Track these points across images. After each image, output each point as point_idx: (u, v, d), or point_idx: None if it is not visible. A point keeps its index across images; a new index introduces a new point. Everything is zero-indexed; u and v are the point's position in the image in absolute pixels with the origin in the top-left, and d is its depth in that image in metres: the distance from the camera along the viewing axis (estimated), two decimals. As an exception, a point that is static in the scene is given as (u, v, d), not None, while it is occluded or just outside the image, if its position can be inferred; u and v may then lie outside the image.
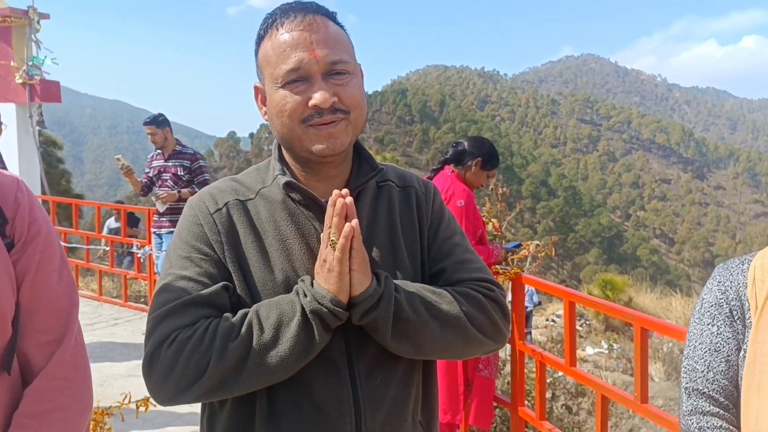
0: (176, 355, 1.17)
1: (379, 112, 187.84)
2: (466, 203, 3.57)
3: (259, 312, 1.20)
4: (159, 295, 1.26)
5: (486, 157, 3.82)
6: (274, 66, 1.25)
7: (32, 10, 8.04)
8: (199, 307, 1.22)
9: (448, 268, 1.39)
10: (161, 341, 1.19)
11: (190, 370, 1.16)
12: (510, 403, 3.60)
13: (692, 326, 1.41)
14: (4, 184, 1.21)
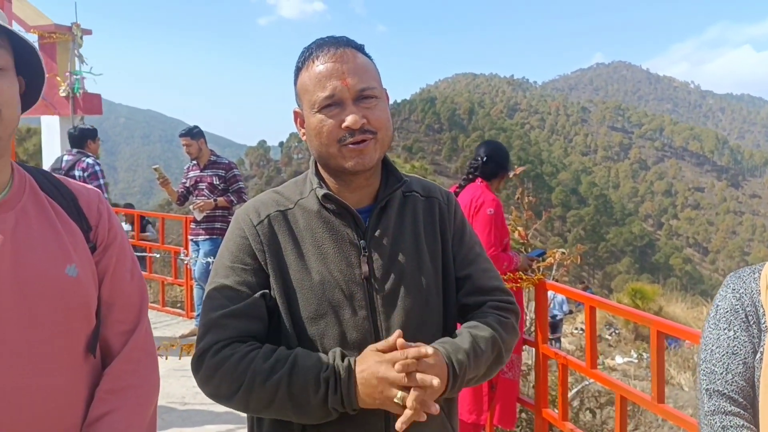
0: (214, 371, 1.37)
1: (407, 120, 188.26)
2: (495, 212, 3.73)
3: (294, 368, 1.34)
4: (206, 302, 1.47)
5: (507, 163, 4.02)
6: (312, 93, 1.44)
7: (76, 27, 8.39)
8: (238, 318, 1.40)
9: (474, 275, 1.59)
10: (205, 350, 1.40)
11: (223, 389, 1.37)
12: (534, 405, 3.74)
13: (708, 332, 1.50)
14: (89, 197, 1.41)
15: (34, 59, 1.30)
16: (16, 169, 1.34)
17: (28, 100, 1.34)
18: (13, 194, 1.29)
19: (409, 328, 1.46)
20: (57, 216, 1.33)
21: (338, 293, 1.44)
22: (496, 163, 3.98)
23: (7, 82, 1.22)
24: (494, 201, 3.78)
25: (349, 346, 1.43)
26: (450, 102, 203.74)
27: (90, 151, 6.01)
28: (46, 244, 1.27)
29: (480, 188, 3.87)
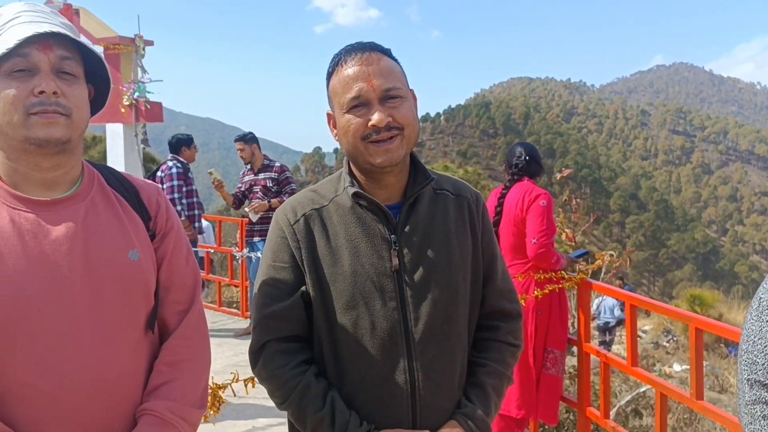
0: (267, 377, 1.58)
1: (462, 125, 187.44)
2: (548, 204, 3.81)
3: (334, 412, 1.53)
4: (255, 299, 1.64)
5: (543, 168, 4.13)
6: (341, 96, 1.55)
7: (139, 38, 8.73)
8: (279, 320, 1.58)
9: (495, 277, 1.72)
10: (257, 348, 1.60)
11: (274, 396, 1.59)
12: (577, 403, 3.77)
13: (750, 323, 1.51)
14: (149, 191, 1.57)
15: (101, 69, 1.46)
16: (86, 166, 1.50)
17: (96, 105, 1.50)
18: (83, 188, 1.45)
19: (437, 318, 1.57)
20: (121, 207, 1.48)
21: (369, 285, 1.55)
22: (537, 163, 4.07)
23: (78, 88, 1.37)
24: (546, 194, 3.87)
25: (379, 335, 1.54)
26: (505, 106, 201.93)
27: (184, 157, 6.79)
28: (111, 232, 1.43)
29: (529, 185, 3.96)
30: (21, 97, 1.30)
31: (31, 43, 1.31)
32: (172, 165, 6.64)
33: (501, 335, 1.70)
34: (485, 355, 1.68)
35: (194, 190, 6.90)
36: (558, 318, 3.81)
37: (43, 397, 1.30)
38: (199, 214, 6.85)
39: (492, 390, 1.64)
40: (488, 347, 1.69)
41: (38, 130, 1.31)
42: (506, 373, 1.69)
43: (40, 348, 1.30)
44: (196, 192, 6.92)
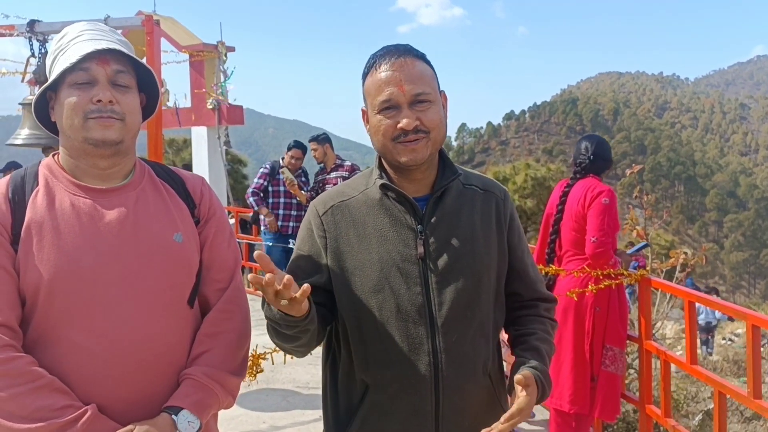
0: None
1: (547, 122, 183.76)
2: (610, 202, 3.77)
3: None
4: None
5: (612, 161, 4.07)
6: (373, 97, 1.66)
7: (221, 45, 9.19)
8: None
9: (525, 269, 1.82)
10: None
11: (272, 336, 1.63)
12: (638, 401, 3.73)
13: None
14: (194, 181, 1.76)
15: (151, 79, 1.66)
16: (138, 161, 1.70)
17: (147, 111, 1.70)
18: (135, 179, 1.65)
19: (460, 304, 1.66)
20: (168, 196, 1.68)
21: (395, 270, 1.65)
22: (603, 159, 4.01)
23: (131, 96, 1.59)
24: (610, 192, 3.82)
25: (404, 318, 1.64)
26: (593, 102, 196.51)
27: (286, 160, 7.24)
28: (159, 216, 1.62)
29: (593, 181, 3.93)
30: (81, 104, 1.52)
31: (91, 59, 1.52)
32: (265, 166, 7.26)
33: (540, 311, 1.83)
34: (531, 327, 1.79)
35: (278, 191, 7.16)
36: (617, 315, 3.76)
37: (97, 359, 1.48)
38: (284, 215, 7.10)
39: (546, 354, 1.75)
40: (531, 321, 1.81)
41: (95, 132, 1.53)
42: (551, 342, 1.81)
43: (94, 315, 1.49)
44: (282, 193, 7.16)
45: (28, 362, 1.44)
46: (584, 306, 3.74)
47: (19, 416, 1.39)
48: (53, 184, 1.57)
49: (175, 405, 1.52)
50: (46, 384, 1.42)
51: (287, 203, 7.08)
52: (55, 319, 1.49)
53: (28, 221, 1.50)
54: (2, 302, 1.45)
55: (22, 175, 1.59)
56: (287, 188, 6.92)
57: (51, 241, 1.49)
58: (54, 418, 1.39)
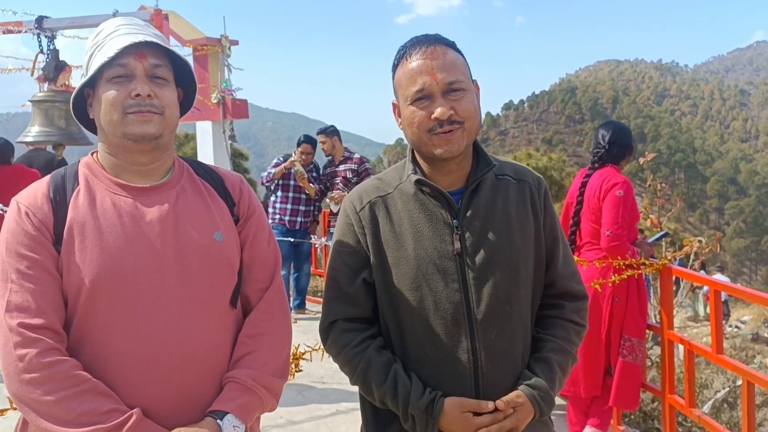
0: (337, 353, 1.68)
1: (546, 111, 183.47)
2: (625, 194, 3.71)
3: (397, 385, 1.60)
4: (325, 280, 1.76)
5: (631, 139, 3.98)
6: (405, 88, 1.61)
7: (224, 38, 9.08)
8: (343, 303, 1.68)
9: (557, 260, 1.75)
10: (326, 327, 1.71)
11: (344, 371, 1.69)
12: (660, 391, 3.70)
13: None
14: (233, 179, 1.71)
15: (188, 74, 1.63)
16: (177, 159, 1.66)
17: (185, 106, 1.66)
18: (175, 177, 1.61)
19: (499, 299, 1.62)
20: (208, 194, 1.64)
21: (432, 267, 1.61)
22: (620, 147, 3.92)
23: (169, 90, 1.55)
24: (625, 183, 3.77)
25: (442, 315, 1.61)
26: (592, 91, 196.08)
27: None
28: (199, 215, 1.58)
29: (610, 171, 3.86)
30: (120, 98, 1.48)
31: (128, 54, 1.49)
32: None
33: (566, 314, 1.73)
34: (551, 332, 1.72)
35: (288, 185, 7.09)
36: (636, 305, 3.73)
37: (139, 363, 1.45)
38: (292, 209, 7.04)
39: (557, 366, 1.67)
40: (553, 324, 1.73)
41: (134, 126, 1.49)
42: (571, 351, 1.72)
43: (136, 318, 1.45)
44: (292, 187, 7.09)
45: (73, 366, 1.40)
46: (602, 296, 3.72)
47: (65, 420, 1.36)
48: (94, 183, 1.54)
49: (220, 409, 1.49)
50: (90, 388, 1.39)
51: (296, 198, 7.03)
52: (97, 321, 1.45)
53: (70, 221, 1.47)
54: (46, 304, 1.42)
55: (63, 174, 1.55)
56: (297, 182, 6.87)
57: (93, 241, 1.46)
58: (100, 422, 1.36)
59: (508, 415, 1.58)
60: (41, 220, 1.46)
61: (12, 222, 1.47)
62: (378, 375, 1.62)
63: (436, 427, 1.57)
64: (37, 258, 1.43)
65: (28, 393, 1.37)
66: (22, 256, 1.43)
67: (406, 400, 1.58)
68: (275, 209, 7.04)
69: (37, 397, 1.36)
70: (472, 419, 1.57)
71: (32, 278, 1.42)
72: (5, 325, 1.40)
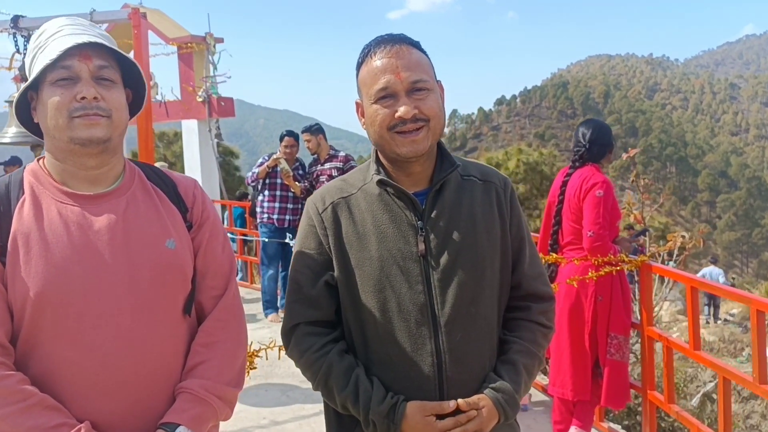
0: (298, 357, 1.67)
1: (538, 107, 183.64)
2: (605, 193, 3.69)
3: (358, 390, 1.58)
4: (288, 284, 1.73)
5: (611, 137, 3.95)
6: (369, 86, 1.60)
7: (209, 36, 9.08)
8: (304, 305, 1.66)
9: (523, 261, 1.73)
10: (288, 330, 1.68)
11: (306, 375, 1.67)
12: (641, 388, 3.71)
13: None
14: (186, 184, 1.67)
15: (137, 74, 1.58)
16: (128, 163, 1.62)
17: (134, 108, 1.62)
18: (125, 183, 1.57)
19: (463, 301, 1.60)
20: (160, 200, 1.60)
21: (395, 269, 1.60)
22: (600, 145, 3.90)
23: (116, 92, 1.50)
24: (604, 183, 3.75)
25: (405, 318, 1.59)
26: (583, 86, 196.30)
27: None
28: (150, 223, 1.54)
29: (590, 170, 3.84)
30: (65, 102, 1.44)
31: (72, 55, 1.44)
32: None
33: (533, 315, 1.72)
34: (517, 334, 1.70)
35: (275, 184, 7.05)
36: (620, 302, 3.73)
37: (88, 375, 1.42)
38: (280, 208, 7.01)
39: (523, 368, 1.66)
40: (520, 326, 1.71)
41: (81, 131, 1.44)
42: (537, 353, 1.70)
43: (84, 329, 1.42)
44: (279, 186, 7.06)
45: (19, 380, 1.38)
46: (584, 295, 3.71)
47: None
48: (39, 192, 1.50)
49: (172, 421, 1.46)
50: (37, 402, 1.37)
51: (283, 196, 6.99)
52: (44, 333, 1.42)
53: (14, 233, 1.43)
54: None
55: (6, 183, 1.51)
56: (283, 180, 6.84)
57: (38, 252, 1.42)
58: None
59: (472, 417, 1.56)
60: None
61: None
62: (339, 380, 1.60)
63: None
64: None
65: None
66: None
67: (367, 406, 1.57)
68: (263, 208, 7.00)
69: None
70: (434, 423, 1.55)
71: None
72: None
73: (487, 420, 1.58)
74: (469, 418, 1.56)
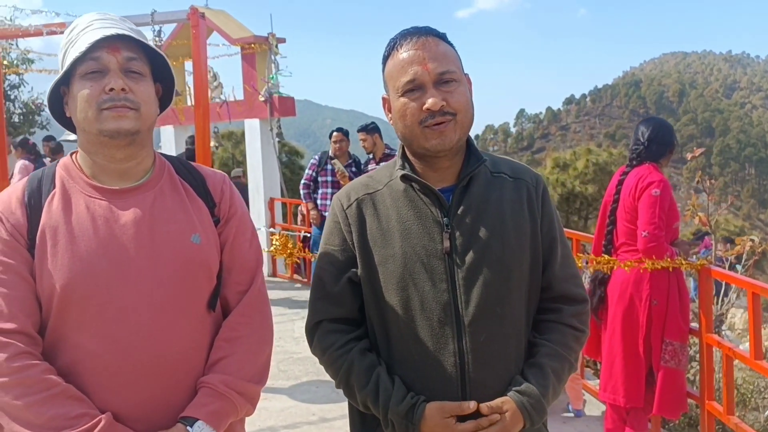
0: (321, 354, 1.65)
1: (609, 106, 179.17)
2: (661, 193, 3.56)
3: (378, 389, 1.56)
4: (312, 280, 1.73)
5: (672, 136, 3.79)
6: (396, 79, 1.57)
7: (272, 36, 9.20)
8: (328, 303, 1.65)
9: (554, 262, 1.66)
10: (311, 327, 1.68)
11: (328, 371, 1.66)
12: (698, 397, 3.55)
13: None
14: (215, 179, 1.67)
15: (166, 69, 1.59)
16: (158, 157, 1.64)
17: (164, 103, 1.63)
18: (153, 177, 1.59)
19: (489, 301, 1.55)
20: (187, 195, 1.61)
21: (419, 266, 1.56)
22: (660, 144, 3.75)
23: (145, 85, 1.51)
24: (661, 182, 3.60)
25: (428, 317, 1.55)
26: (657, 84, 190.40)
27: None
28: (176, 217, 1.55)
29: (647, 169, 3.70)
30: (94, 95, 1.46)
31: (101, 47, 1.46)
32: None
33: (564, 318, 1.65)
34: (546, 336, 1.64)
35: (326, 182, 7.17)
36: (677, 307, 3.56)
37: (110, 367, 1.44)
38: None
39: (551, 372, 1.59)
40: (550, 329, 1.65)
41: (110, 122, 1.46)
42: (568, 357, 1.63)
43: (107, 322, 1.45)
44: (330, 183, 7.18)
45: (44, 370, 1.41)
46: (639, 298, 3.57)
47: (35, 425, 1.36)
48: (69, 186, 1.53)
49: (191, 416, 1.47)
50: (61, 392, 1.39)
51: (334, 193, 7.11)
52: (69, 325, 1.46)
53: (43, 226, 1.47)
54: (18, 309, 1.42)
55: (39, 177, 1.55)
56: (338, 179, 6.91)
57: (65, 246, 1.45)
58: (68, 426, 1.36)
59: (494, 421, 1.51)
60: (14, 225, 1.47)
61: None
62: (360, 378, 1.58)
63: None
64: (11, 263, 1.44)
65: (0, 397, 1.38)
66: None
67: (387, 405, 1.54)
68: (321, 209, 7.14)
69: (8, 401, 1.37)
70: (454, 425, 1.51)
71: (6, 283, 1.43)
72: None
73: (511, 425, 1.52)
74: (491, 422, 1.51)
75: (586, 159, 27.22)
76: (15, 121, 14.41)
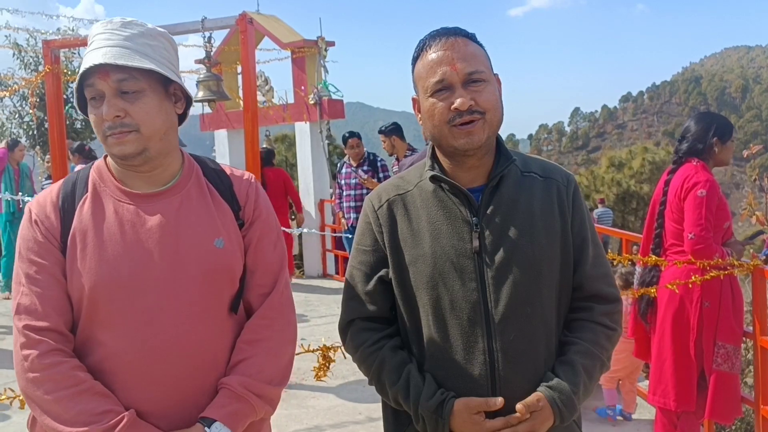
0: (354, 351, 1.70)
1: (668, 103, 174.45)
2: (708, 193, 3.44)
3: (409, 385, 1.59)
4: (345, 279, 1.77)
5: (721, 130, 3.62)
6: (425, 80, 1.59)
7: (321, 40, 9.32)
8: (359, 302, 1.69)
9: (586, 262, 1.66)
10: (344, 326, 1.73)
11: (361, 368, 1.70)
12: (753, 402, 3.44)
13: None
14: (241, 182, 1.70)
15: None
16: (188, 159, 1.68)
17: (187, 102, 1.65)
18: (181, 181, 1.63)
19: (518, 300, 1.56)
20: (213, 198, 1.64)
21: (449, 266, 1.58)
22: (705, 141, 3.59)
23: (142, 102, 1.50)
24: (708, 182, 3.47)
25: (458, 315, 1.57)
26: (718, 80, 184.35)
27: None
28: (200, 221, 1.59)
29: (694, 168, 3.55)
30: (98, 123, 1.52)
31: (93, 74, 1.50)
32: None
33: (595, 316, 1.65)
34: (577, 334, 1.64)
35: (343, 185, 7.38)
36: (730, 309, 3.46)
37: (135, 365, 1.51)
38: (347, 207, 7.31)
39: (582, 369, 1.59)
40: (581, 327, 1.65)
41: (114, 148, 1.53)
42: (600, 355, 1.62)
43: (131, 323, 1.51)
44: (344, 186, 7.38)
45: (73, 366, 1.48)
46: (690, 300, 3.48)
47: (64, 419, 1.44)
48: (101, 190, 1.59)
49: (209, 416, 1.51)
50: (88, 388, 1.46)
51: (348, 195, 7.33)
52: (97, 325, 1.52)
53: (74, 229, 1.53)
54: (50, 307, 1.50)
55: (74, 180, 1.61)
56: (365, 184, 7.06)
57: (93, 249, 1.52)
58: (95, 422, 1.43)
59: (524, 419, 1.52)
60: (48, 228, 1.54)
61: (25, 228, 1.56)
62: (391, 374, 1.61)
63: (446, 429, 1.55)
64: (45, 263, 1.52)
65: (32, 391, 1.47)
66: (31, 261, 1.53)
67: (417, 400, 1.57)
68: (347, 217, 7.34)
69: (40, 395, 1.45)
70: (483, 422, 1.52)
71: (40, 282, 1.51)
72: (15, 327, 1.50)
73: (541, 421, 1.53)
74: (520, 420, 1.52)
75: (642, 158, 26.62)
76: (77, 127, 14.94)
